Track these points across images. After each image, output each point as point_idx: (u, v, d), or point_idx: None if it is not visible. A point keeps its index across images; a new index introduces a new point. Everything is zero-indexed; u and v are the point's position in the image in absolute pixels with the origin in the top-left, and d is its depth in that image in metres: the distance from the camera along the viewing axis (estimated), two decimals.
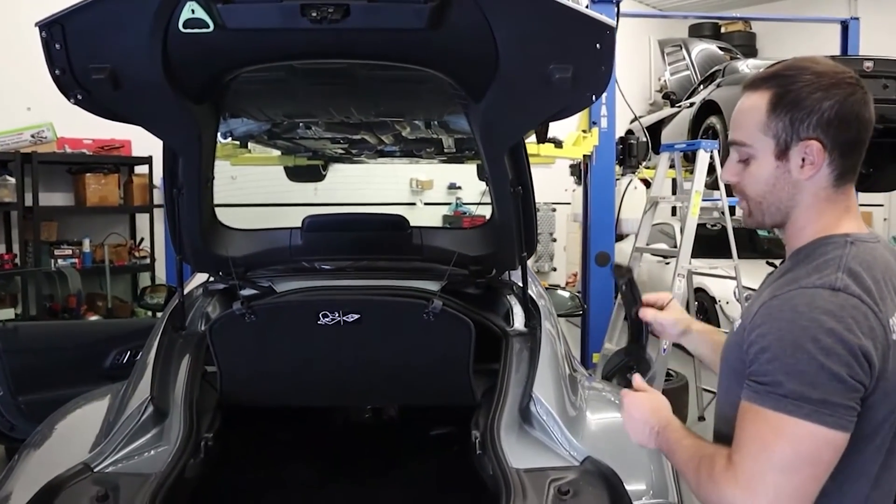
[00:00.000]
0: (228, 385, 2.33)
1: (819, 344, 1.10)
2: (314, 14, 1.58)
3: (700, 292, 6.87)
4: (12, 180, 5.94)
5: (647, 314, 1.66)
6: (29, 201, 6.05)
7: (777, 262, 5.16)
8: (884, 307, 1.17)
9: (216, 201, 2.41)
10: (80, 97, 1.79)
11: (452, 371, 2.28)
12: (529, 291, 2.53)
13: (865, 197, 8.05)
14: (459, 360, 2.24)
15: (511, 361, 2.23)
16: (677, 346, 5.03)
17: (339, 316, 2.19)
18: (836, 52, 6.88)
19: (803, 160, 1.27)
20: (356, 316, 2.20)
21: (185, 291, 2.70)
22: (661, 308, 1.68)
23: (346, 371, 2.39)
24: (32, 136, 6.12)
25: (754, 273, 4.13)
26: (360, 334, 2.25)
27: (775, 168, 1.30)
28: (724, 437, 1.27)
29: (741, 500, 1.13)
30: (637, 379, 1.48)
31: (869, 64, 5.67)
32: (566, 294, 3.72)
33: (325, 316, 2.19)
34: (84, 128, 5.87)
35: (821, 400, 1.09)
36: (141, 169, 6.74)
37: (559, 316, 3.40)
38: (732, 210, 4.76)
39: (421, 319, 2.19)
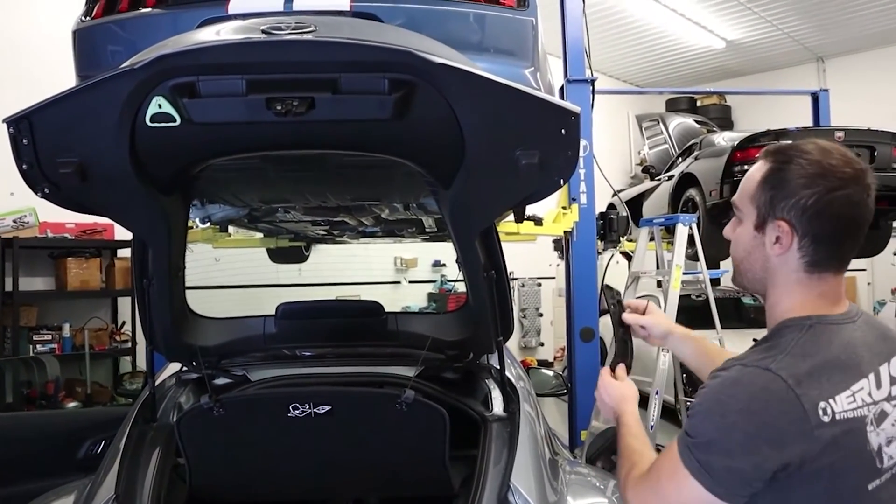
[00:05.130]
0: (198, 480, 2.25)
1: (725, 419, 1.22)
2: (279, 107, 1.60)
3: None
4: None
5: (629, 318, 1.78)
6: (9, 286, 5.99)
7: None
8: (818, 391, 1.21)
9: (200, 283, 2.39)
10: (47, 191, 1.79)
11: (428, 461, 2.22)
12: (508, 374, 2.49)
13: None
14: (434, 450, 2.18)
15: (489, 449, 2.17)
16: (664, 419, 4.94)
17: (309, 408, 2.14)
18: (809, 122, 7.06)
19: (777, 238, 1.32)
20: (327, 407, 2.15)
21: (160, 380, 2.65)
22: (642, 314, 1.80)
23: (319, 464, 2.32)
24: (14, 222, 6.12)
25: (739, 343, 4.10)
26: (332, 426, 2.19)
27: (753, 238, 1.37)
28: None
29: None
30: (620, 370, 1.66)
31: (840, 134, 5.81)
32: (550, 373, 3.68)
33: (295, 408, 2.14)
34: (66, 212, 5.86)
35: (706, 462, 1.23)
36: (123, 252, 6.71)
37: (543, 395, 3.36)
38: (715, 282, 4.78)
39: (394, 410, 2.14)
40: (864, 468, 1.26)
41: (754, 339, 1.38)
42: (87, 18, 2.24)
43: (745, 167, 5.51)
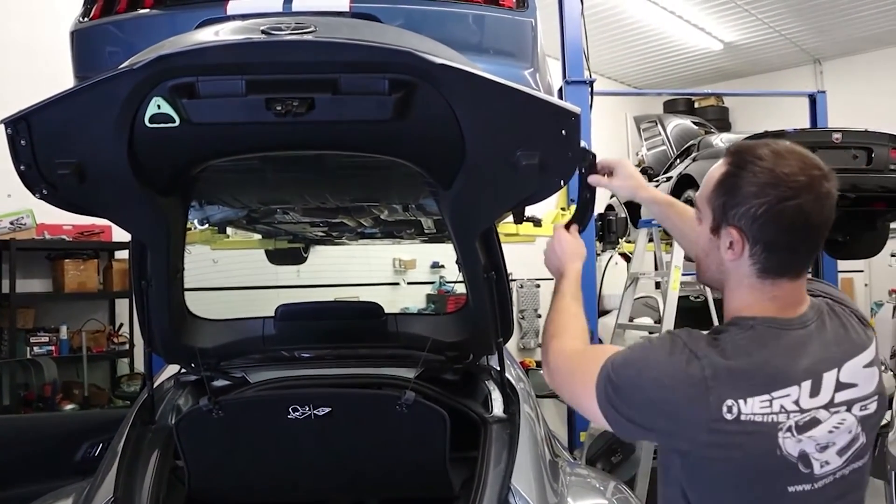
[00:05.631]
0: (197, 482, 2.25)
1: (640, 377, 1.31)
2: (279, 108, 1.59)
3: None
4: None
5: (593, 181, 1.78)
6: (6, 288, 5.96)
7: None
8: (730, 389, 1.25)
9: (198, 285, 2.38)
10: (45, 192, 1.78)
11: (428, 463, 2.21)
12: (508, 375, 2.49)
13: (845, 264, 8.12)
14: (435, 451, 2.18)
15: (489, 450, 2.17)
16: None
17: (309, 409, 2.14)
18: (806, 124, 7.06)
19: (730, 244, 1.33)
20: (327, 409, 2.15)
21: (158, 382, 2.64)
22: (609, 174, 1.78)
23: (319, 466, 2.32)
24: (11, 224, 6.10)
25: None
26: (332, 428, 2.19)
27: (709, 240, 1.38)
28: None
29: (547, 367, 1.52)
30: (573, 229, 1.75)
31: (838, 136, 5.79)
32: None
33: (295, 410, 2.14)
34: (64, 214, 5.81)
35: (610, 394, 1.32)
36: (121, 254, 6.68)
37: (542, 397, 3.35)
38: None
39: (394, 411, 2.14)
40: (777, 471, 1.28)
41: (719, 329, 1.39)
42: (85, 19, 2.23)
43: None
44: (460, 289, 8.58)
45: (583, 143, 1.72)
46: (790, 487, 1.29)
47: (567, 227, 1.78)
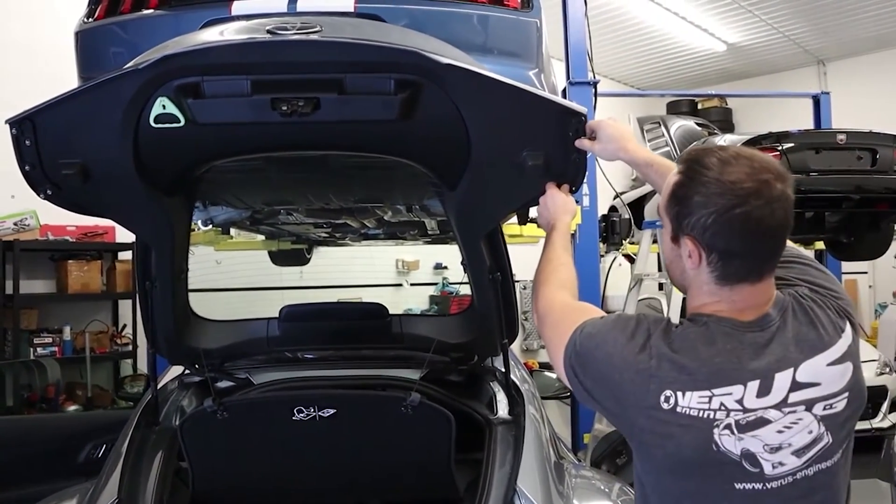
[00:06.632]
0: (201, 484, 2.24)
1: (597, 351, 1.35)
2: (284, 108, 1.59)
3: None
4: None
5: (579, 144, 1.75)
6: (10, 289, 5.96)
7: None
8: (672, 379, 1.28)
9: (201, 286, 2.38)
10: (49, 192, 1.78)
11: (433, 465, 2.21)
12: (512, 376, 2.48)
13: (849, 265, 8.09)
14: (440, 453, 2.18)
15: (494, 452, 2.16)
16: None
17: (314, 411, 2.13)
18: (810, 125, 7.05)
19: (689, 253, 1.34)
20: (332, 411, 2.14)
21: (162, 383, 2.64)
22: (592, 138, 1.76)
23: (323, 467, 2.31)
24: (15, 224, 6.10)
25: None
26: (336, 429, 2.18)
27: (671, 249, 1.39)
28: None
29: (535, 313, 1.57)
30: (564, 187, 1.80)
31: (842, 137, 5.76)
32: (553, 375, 3.66)
33: (299, 411, 2.14)
34: (67, 215, 5.75)
35: (573, 355, 1.38)
36: (125, 255, 6.68)
37: (547, 398, 3.35)
38: None
39: (399, 413, 2.13)
40: (716, 466, 1.29)
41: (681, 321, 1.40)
42: (90, 20, 2.23)
43: None
44: (464, 290, 8.56)
45: (573, 104, 1.71)
46: (737, 484, 1.29)
47: (559, 185, 1.80)
